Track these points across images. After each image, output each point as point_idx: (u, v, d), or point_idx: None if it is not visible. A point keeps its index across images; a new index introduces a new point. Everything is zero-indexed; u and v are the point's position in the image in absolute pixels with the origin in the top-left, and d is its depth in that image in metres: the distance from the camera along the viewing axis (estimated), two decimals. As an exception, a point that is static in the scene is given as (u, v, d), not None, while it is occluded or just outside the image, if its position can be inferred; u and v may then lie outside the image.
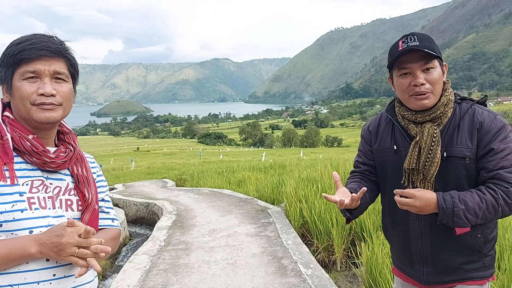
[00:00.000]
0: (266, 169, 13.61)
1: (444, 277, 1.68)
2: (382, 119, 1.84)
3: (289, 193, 6.64)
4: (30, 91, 1.20)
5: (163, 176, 18.28)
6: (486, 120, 1.56)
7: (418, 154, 1.62)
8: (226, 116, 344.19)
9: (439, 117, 1.62)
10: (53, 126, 1.30)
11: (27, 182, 1.21)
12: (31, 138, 1.22)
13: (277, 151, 58.11)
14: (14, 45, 1.22)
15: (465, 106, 1.64)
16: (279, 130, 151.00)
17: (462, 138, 1.57)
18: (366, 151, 1.88)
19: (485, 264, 1.66)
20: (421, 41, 1.56)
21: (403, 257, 1.82)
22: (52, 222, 1.22)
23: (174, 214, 7.50)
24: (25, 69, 1.20)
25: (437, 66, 1.59)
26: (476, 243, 1.62)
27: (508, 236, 3.48)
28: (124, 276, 4.19)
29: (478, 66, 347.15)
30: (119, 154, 66.34)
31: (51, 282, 1.20)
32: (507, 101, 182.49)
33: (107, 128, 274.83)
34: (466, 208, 1.43)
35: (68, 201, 1.29)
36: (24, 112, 1.23)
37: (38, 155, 1.22)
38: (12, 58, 1.21)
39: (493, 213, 1.46)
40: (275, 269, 4.20)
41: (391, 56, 1.64)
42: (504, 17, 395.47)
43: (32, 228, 1.17)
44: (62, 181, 1.31)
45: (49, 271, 1.19)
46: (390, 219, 1.84)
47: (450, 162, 1.58)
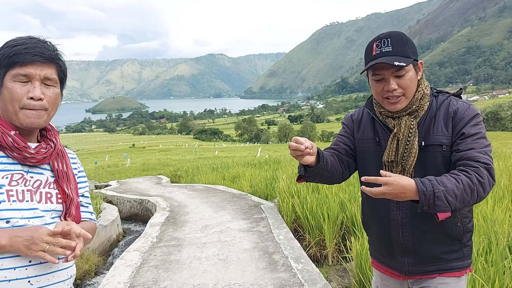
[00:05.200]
0: (260, 164, 13.62)
1: (425, 267, 1.69)
2: (364, 112, 1.87)
3: (282, 189, 6.64)
4: (20, 94, 1.27)
5: (158, 173, 18.27)
6: (460, 109, 1.62)
7: (396, 146, 1.66)
8: (221, 112, 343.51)
9: (416, 110, 1.67)
10: (36, 129, 1.38)
11: (7, 175, 1.27)
12: (13, 134, 1.29)
13: (273, 147, 58.20)
14: (10, 47, 1.28)
15: (441, 99, 1.69)
16: (275, 125, 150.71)
17: (438, 126, 1.62)
18: (348, 135, 1.89)
19: (464, 254, 1.69)
20: (394, 46, 1.58)
21: (382, 248, 1.82)
22: (27, 214, 1.27)
23: (168, 211, 7.50)
24: (17, 71, 1.26)
25: (409, 70, 1.61)
26: (456, 232, 1.65)
27: (495, 229, 3.50)
28: (115, 273, 4.18)
29: (473, 59, 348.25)
30: (114, 151, 66.18)
31: (27, 268, 1.25)
32: (501, 95, 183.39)
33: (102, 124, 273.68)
34: (446, 189, 1.42)
35: (48, 194, 1.35)
36: (12, 112, 1.28)
37: (19, 150, 1.28)
38: (6, 60, 1.26)
39: (469, 194, 1.46)
40: (266, 264, 4.21)
41: (365, 59, 1.67)
42: (498, 11, 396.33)
43: (9, 219, 1.23)
44: (42, 175, 1.37)
45: (25, 258, 1.24)
46: (369, 210, 1.84)
47: (428, 151, 1.62)
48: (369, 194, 1.44)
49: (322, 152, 1.69)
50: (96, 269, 5.70)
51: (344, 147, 1.87)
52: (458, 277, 1.68)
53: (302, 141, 1.55)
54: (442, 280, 1.68)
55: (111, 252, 6.87)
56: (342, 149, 1.87)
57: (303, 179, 1.75)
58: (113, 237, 7.28)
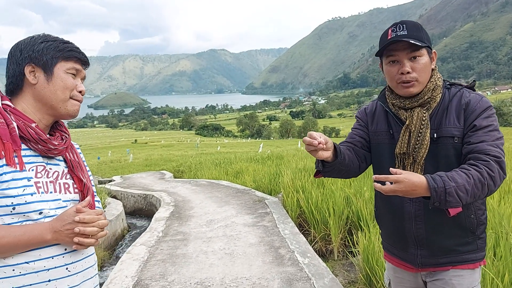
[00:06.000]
0: (263, 160, 13.62)
1: (439, 259, 1.69)
2: (378, 105, 1.88)
3: (286, 183, 6.65)
4: (73, 85, 1.39)
5: (161, 168, 18.28)
6: (472, 101, 1.62)
7: (408, 138, 1.67)
8: (223, 108, 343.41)
9: (428, 102, 1.67)
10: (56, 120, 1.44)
11: (32, 167, 1.30)
12: (34, 126, 1.32)
13: (274, 142, 58.18)
14: (59, 41, 1.38)
15: (454, 91, 1.70)
16: (277, 121, 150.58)
17: (450, 118, 1.63)
18: (363, 128, 1.90)
19: (478, 246, 1.69)
20: (409, 30, 1.60)
21: (395, 241, 1.82)
22: (53, 205, 1.31)
23: (172, 205, 7.51)
24: (72, 66, 1.38)
25: (424, 54, 1.64)
26: (470, 224, 1.65)
27: (504, 224, 3.50)
28: (122, 266, 4.20)
29: (476, 55, 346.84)
30: (117, 147, 66.26)
31: (64, 256, 1.31)
32: (504, 90, 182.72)
33: (105, 120, 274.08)
34: (457, 185, 1.42)
35: (65, 184, 1.39)
36: (61, 100, 1.36)
37: (44, 142, 1.32)
38: (61, 52, 1.36)
39: (480, 189, 1.45)
40: (273, 259, 4.22)
41: (380, 44, 1.69)
42: (501, 6, 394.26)
43: (41, 210, 1.27)
44: (59, 166, 1.41)
45: (60, 246, 1.30)
46: (382, 203, 1.84)
47: (440, 143, 1.63)
48: (381, 191, 1.45)
49: (339, 147, 1.69)
50: (102, 263, 5.72)
51: (360, 140, 1.87)
52: (472, 269, 1.68)
53: (316, 136, 1.55)
54: (456, 272, 1.68)
55: (116, 246, 6.89)
56: (357, 142, 1.87)
57: (320, 174, 1.75)
58: (118, 231, 7.31)
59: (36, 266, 1.25)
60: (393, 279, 1.91)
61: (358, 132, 1.90)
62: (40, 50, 1.34)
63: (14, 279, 1.23)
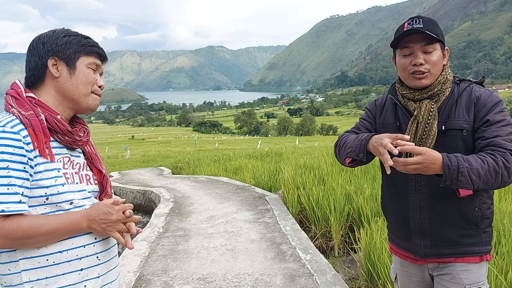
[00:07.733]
0: (262, 156, 13.62)
1: (441, 250, 1.72)
2: (387, 98, 1.92)
3: (287, 180, 6.65)
4: (94, 79, 1.41)
5: (159, 164, 18.27)
6: (483, 95, 1.66)
7: (415, 129, 1.71)
8: (221, 104, 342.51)
9: (437, 94, 1.71)
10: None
11: (60, 159, 1.34)
12: (59, 118, 1.34)
13: (272, 139, 58.21)
14: (80, 36, 1.40)
15: (463, 86, 1.74)
16: (275, 118, 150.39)
17: (459, 111, 1.67)
18: (370, 119, 1.94)
19: (482, 240, 1.71)
20: (425, 24, 1.66)
21: (400, 230, 1.86)
22: (79, 196, 1.35)
23: (172, 202, 7.51)
24: (93, 61, 1.40)
25: (437, 49, 1.69)
26: (474, 216, 1.68)
27: (505, 222, 3.52)
28: (124, 262, 4.20)
29: (473, 54, 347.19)
30: (113, 143, 66.10)
31: (95, 245, 1.36)
32: (501, 89, 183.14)
33: (102, 116, 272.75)
34: (470, 167, 1.47)
35: (87, 175, 1.43)
36: (83, 94, 1.38)
37: (71, 134, 1.35)
38: (84, 47, 1.38)
39: (494, 177, 1.49)
40: (274, 255, 4.23)
41: (395, 36, 1.74)
42: (499, 5, 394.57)
43: (71, 200, 1.31)
44: (80, 158, 1.44)
45: (91, 235, 1.35)
46: (389, 193, 1.89)
47: (448, 135, 1.67)
48: (403, 164, 1.48)
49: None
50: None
51: (365, 131, 1.91)
52: (478, 263, 1.70)
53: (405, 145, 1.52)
54: (464, 266, 1.70)
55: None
56: (367, 130, 1.92)
57: (357, 163, 1.78)
58: (117, 227, 7.30)
59: (69, 255, 1.29)
60: (399, 273, 1.93)
61: (364, 123, 1.94)
62: (64, 44, 1.36)
63: (48, 269, 1.26)
